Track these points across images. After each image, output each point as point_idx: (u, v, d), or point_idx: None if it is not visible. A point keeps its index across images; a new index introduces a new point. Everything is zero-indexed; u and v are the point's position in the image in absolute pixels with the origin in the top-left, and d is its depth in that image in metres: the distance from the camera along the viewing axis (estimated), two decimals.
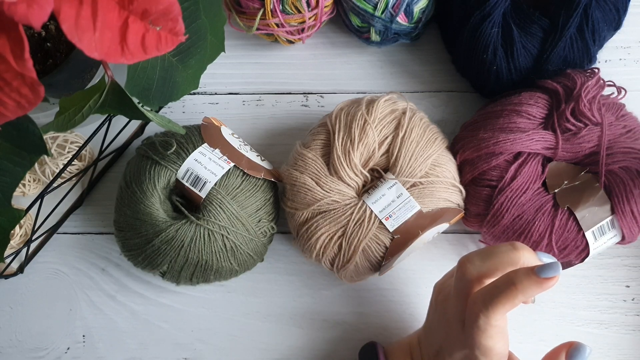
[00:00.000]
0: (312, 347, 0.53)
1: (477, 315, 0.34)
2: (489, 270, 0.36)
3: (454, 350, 0.38)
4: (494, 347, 0.35)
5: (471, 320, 0.35)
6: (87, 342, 0.53)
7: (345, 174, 0.47)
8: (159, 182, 0.47)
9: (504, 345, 0.36)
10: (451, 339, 0.38)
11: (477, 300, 0.35)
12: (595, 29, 0.47)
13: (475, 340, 0.35)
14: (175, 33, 0.28)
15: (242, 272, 0.50)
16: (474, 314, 0.35)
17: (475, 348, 0.36)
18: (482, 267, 0.36)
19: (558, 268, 0.33)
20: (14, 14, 0.22)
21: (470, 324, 0.35)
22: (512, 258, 0.35)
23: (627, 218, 0.45)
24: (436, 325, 0.41)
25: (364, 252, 0.46)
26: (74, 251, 0.55)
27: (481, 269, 0.36)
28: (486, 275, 0.36)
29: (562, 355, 0.37)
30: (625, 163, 0.45)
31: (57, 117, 0.34)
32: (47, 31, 0.44)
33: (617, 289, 0.53)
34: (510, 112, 0.47)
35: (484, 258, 0.36)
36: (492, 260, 0.36)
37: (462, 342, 0.37)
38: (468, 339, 0.36)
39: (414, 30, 0.52)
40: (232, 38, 0.57)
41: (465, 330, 0.36)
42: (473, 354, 0.36)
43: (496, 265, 0.36)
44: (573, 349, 0.36)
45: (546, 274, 0.33)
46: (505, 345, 0.36)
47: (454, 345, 0.38)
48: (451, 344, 0.38)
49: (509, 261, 0.35)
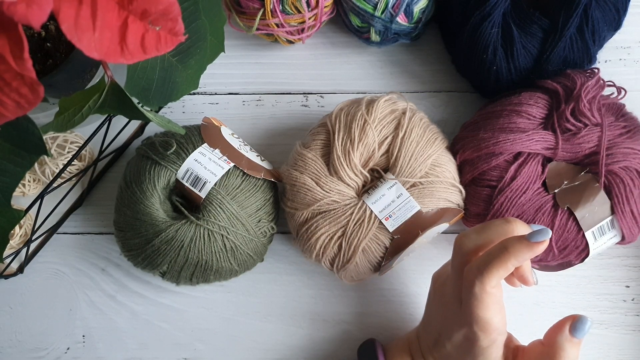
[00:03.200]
0: (312, 347, 0.53)
1: (472, 282, 0.36)
2: (484, 242, 0.38)
3: (453, 332, 0.39)
4: (491, 320, 0.36)
5: (467, 291, 0.36)
6: (87, 342, 0.53)
7: (345, 174, 0.47)
8: (158, 182, 0.47)
9: (502, 320, 0.37)
10: (449, 320, 0.39)
11: (472, 268, 0.36)
12: (595, 29, 0.47)
13: (472, 313, 0.36)
14: (174, 33, 0.28)
15: (242, 272, 0.50)
16: (470, 282, 0.36)
17: (474, 323, 0.36)
18: (477, 239, 0.38)
19: (547, 233, 0.35)
20: (13, 14, 0.22)
21: (467, 295, 0.36)
22: (505, 229, 0.37)
23: (627, 218, 0.45)
24: (434, 313, 0.42)
25: (364, 252, 0.46)
26: (74, 251, 0.55)
27: (477, 242, 0.38)
28: (481, 247, 0.38)
29: (566, 327, 0.38)
30: (625, 163, 0.45)
31: (57, 117, 0.34)
32: (47, 31, 0.44)
33: (617, 289, 0.53)
34: (510, 112, 0.47)
35: (479, 231, 0.38)
36: (487, 233, 0.38)
37: (460, 320, 0.37)
38: (466, 315, 0.37)
39: (414, 31, 0.52)
40: (232, 38, 0.57)
41: (463, 306, 0.37)
42: (472, 331, 0.37)
43: (491, 237, 0.38)
44: (576, 321, 0.38)
45: (536, 238, 0.35)
46: (503, 320, 0.37)
47: (452, 326, 0.39)
48: (449, 326, 0.39)
49: (503, 232, 0.37)
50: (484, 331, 0.36)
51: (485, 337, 0.37)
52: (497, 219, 0.38)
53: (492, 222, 0.38)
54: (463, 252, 0.38)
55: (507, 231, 0.37)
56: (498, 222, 0.38)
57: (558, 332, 0.39)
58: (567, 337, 0.38)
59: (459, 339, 0.38)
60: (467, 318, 0.37)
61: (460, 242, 0.39)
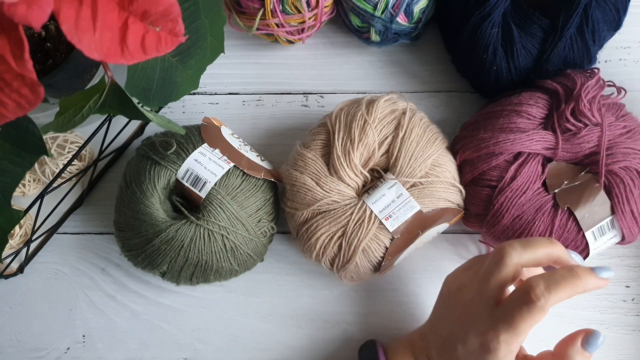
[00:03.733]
0: (312, 347, 0.53)
1: (536, 297, 0.35)
2: (530, 261, 0.38)
3: (469, 336, 0.38)
4: (524, 335, 0.36)
5: (522, 301, 0.36)
6: (87, 342, 0.53)
7: (345, 174, 0.47)
8: (158, 182, 0.47)
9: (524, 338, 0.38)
10: (467, 324, 0.39)
11: (539, 284, 0.36)
12: (595, 29, 0.47)
13: (515, 325, 0.36)
14: (175, 34, 0.28)
15: (242, 272, 0.50)
16: (532, 297, 0.36)
17: (506, 332, 0.36)
18: (523, 255, 0.38)
19: (612, 271, 0.37)
20: (14, 15, 0.22)
21: (519, 305, 0.36)
22: (551, 250, 0.38)
23: (627, 218, 0.45)
24: (446, 315, 0.42)
25: (364, 252, 0.46)
26: (74, 251, 0.55)
27: (523, 258, 0.38)
28: (526, 263, 0.38)
29: (579, 340, 0.39)
30: (625, 163, 0.45)
31: (57, 117, 0.34)
32: (47, 31, 0.44)
33: (617, 289, 0.53)
34: (510, 112, 0.47)
35: (525, 247, 0.38)
36: (534, 251, 0.38)
37: (485, 325, 0.37)
38: (500, 322, 0.36)
39: (414, 31, 0.51)
40: (232, 38, 0.56)
41: (499, 312, 0.37)
42: (496, 339, 0.36)
43: (538, 257, 0.38)
44: (590, 335, 0.39)
45: (604, 274, 0.37)
46: None
47: (471, 330, 0.38)
48: (466, 330, 0.39)
49: (549, 253, 0.38)
50: (510, 343, 0.36)
51: (507, 348, 0.36)
52: (541, 238, 0.39)
53: (538, 240, 0.39)
54: (508, 264, 0.38)
55: (552, 253, 0.38)
56: (544, 243, 0.38)
57: (570, 344, 0.39)
58: (579, 350, 0.38)
59: (475, 343, 0.38)
60: (500, 326, 0.36)
61: (505, 253, 0.38)
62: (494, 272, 0.38)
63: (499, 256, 0.38)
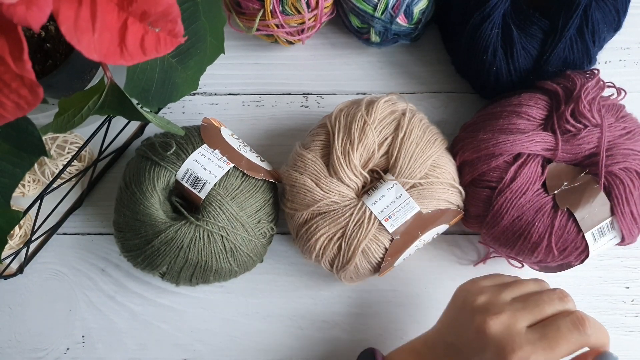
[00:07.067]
0: (312, 347, 0.53)
1: (588, 328, 0.37)
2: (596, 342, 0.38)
3: (487, 348, 0.38)
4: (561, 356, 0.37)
5: (574, 326, 0.37)
6: (87, 342, 0.53)
7: (345, 175, 0.47)
8: (158, 183, 0.47)
9: None
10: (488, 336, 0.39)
11: (591, 320, 0.38)
12: (595, 30, 0.47)
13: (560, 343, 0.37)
14: (174, 35, 0.28)
15: (242, 273, 0.50)
16: (586, 326, 0.37)
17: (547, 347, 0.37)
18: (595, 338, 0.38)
19: None
20: (13, 16, 0.22)
21: (569, 329, 0.37)
22: None
23: (627, 219, 0.45)
24: (459, 325, 0.41)
25: (363, 253, 0.46)
26: (74, 252, 0.55)
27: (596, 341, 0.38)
28: (592, 345, 0.38)
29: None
30: (625, 164, 0.45)
31: (57, 118, 0.34)
32: (46, 32, 0.44)
33: (617, 290, 0.53)
34: (510, 114, 0.47)
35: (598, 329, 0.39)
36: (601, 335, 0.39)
37: (518, 341, 0.37)
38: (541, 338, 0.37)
39: (413, 31, 0.51)
40: (232, 39, 0.56)
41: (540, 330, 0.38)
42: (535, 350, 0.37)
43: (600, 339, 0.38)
44: (601, 356, 0.38)
45: None
46: None
47: (491, 342, 0.38)
48: (485, 341, 0.39)
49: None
50: None
51: None
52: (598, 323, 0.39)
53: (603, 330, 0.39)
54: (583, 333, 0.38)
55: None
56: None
57: None
58: None
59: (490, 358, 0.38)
60: (539, 344, 0.37)
61: (586, 326, 0.38)
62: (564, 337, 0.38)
63: (578, 324, 0.38)
